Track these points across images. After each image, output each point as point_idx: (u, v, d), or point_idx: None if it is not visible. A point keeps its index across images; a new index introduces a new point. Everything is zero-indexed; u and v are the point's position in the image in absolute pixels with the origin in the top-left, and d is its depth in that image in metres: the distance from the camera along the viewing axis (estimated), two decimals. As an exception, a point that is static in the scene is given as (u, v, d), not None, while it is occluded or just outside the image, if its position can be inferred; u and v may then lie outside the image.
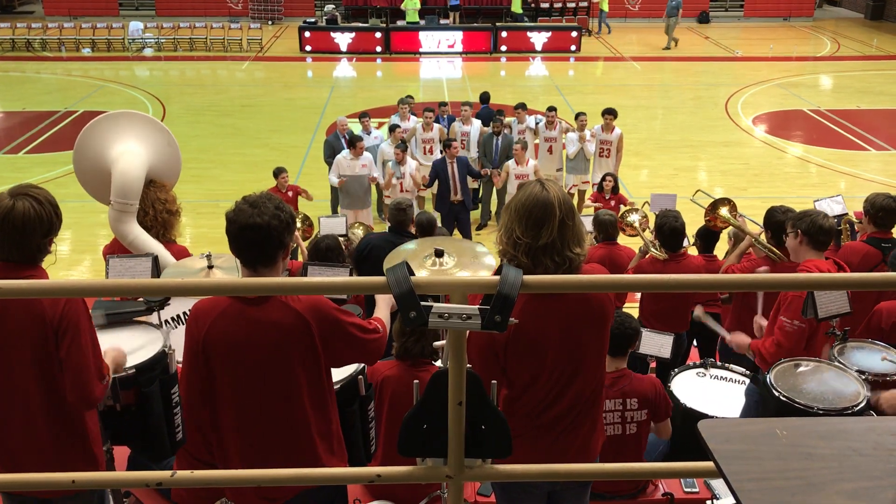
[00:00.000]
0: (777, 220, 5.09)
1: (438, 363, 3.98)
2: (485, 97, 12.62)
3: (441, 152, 11.28)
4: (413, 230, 6.39)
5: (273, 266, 2.79)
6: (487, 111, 12.04)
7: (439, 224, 7.44)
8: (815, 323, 4.12)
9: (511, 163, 10.19)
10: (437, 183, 10.07)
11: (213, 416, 2.92)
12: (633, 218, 6.84)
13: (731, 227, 6.15)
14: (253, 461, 2.87)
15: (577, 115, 11.07)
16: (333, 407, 2.99)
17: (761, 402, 4.19)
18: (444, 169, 9.92)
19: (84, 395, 2.88)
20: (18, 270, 2.85)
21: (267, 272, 2.78)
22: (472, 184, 10.66)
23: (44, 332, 2.83)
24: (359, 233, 7.91)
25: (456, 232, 10.13)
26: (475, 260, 2.73)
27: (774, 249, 5.07)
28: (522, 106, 11.57)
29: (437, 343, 3.81)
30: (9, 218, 2.82)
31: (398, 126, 10.97)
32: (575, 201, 11.34)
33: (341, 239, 6.61)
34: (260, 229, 2.71)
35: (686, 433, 4.23)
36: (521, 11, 24.83)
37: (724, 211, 5.99)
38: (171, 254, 4.50)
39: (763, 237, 5.31)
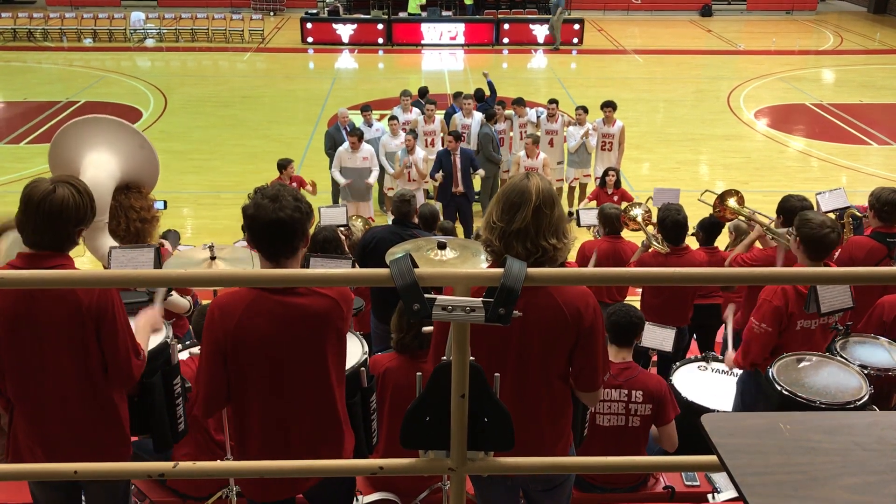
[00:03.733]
0: (791, 206, 5.07)
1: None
2: (479, 94, 12.57)
3: (442, 144, 11.29)
4: (417, 221, 6.38)
5: (295, 257, 2.80)
6: (485, 107, 12.00)
7: (441, 217, 7.44)
8: (781, 327, 4.09)
9: (522, 154, 10.24)
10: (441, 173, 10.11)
11: (238, 410, 2.89)
12: (636, 212, 6.85)
13: (732, 221, 6.17)
14: (279, 449, 2.86)
15: (577, 109, 11.06)
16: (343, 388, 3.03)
17: (756, 391, 4.19)
18: (449, 160, 9.96)
19: (123, 375, 2.97)
20: (48, 259, 2.85)
21: (289, 263, 2.78)
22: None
23: (81, 321, 2.86)
24: (358, 224, 7.90)
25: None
26: (477, 254, 2.73)
27: (787, 235, 5.07)
28: (520, 101, 11.54)
29: (425, 329, 3.82)
30: (45, 203, 2.83)
31: (395, 118, 10.96)
32: (576, 195, 11.35)
33: (341, 229, 6.61)
34: (284, 224, 2.69)
35: (687, 427, 4.24)
36: (471, 2, 24.61)
37: (732, 202, 5.99)
38: None
39: (773, 225, 5.31)
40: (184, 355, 4.17)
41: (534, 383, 2.75)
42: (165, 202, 5.30)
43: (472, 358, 2.05)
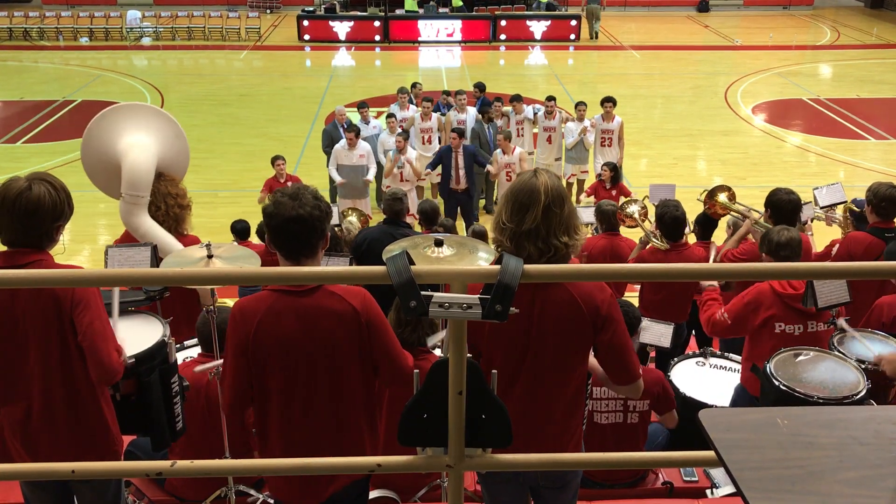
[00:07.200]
0: (779, 199, 5.07)
1: (437, 352, 3.99)
2: (481, 87, 12.53)
3: (440, 142, 11.29)
4: (408, 220, 6.38)
5: (315, 256, 2.79)
6: (485, 101, 11.97)
7: (442, 214, 7.44)
8: (747, 327, 4.24)
9: (498, 151, 10.26)
10: (440, 169, 10.16)
11: (260, 412, 2.89)
12: (633, 209, 6.82)
13: (730, 217, 6.15)
14: (298, 451, 2.85)
15: (577, 105, 11.05)
16: (374, 391, 3.01)
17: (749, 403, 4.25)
18: (449, 157, 9.98)
19: (105, 369, 2.89)
20: (25, 256, 2.84)
21: (309, 263, 2.77)
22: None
23: (59, 314, 2.84)
24: (353, 220, 7.89)
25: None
26: (475, 251, 2.72)
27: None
28: (518, 98, 11.53)
29: (432, 340, 3.82)
30: (21, 200, 2.81)
31: (393, 116, 10.95)
32: (574, 191, 11.34)
33: (336, 229, 6.62)
34: (304, 221, 2.70)
35: (686, 422, 4.25)
36: (459, 3, 24.65)
37: (722, 197, 5.98)
38: (184, 246, 4.49)
39: (762, 219, 5.30)
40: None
41: (550, 380, 2.74)
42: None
43: (468, 355, 2.05)
